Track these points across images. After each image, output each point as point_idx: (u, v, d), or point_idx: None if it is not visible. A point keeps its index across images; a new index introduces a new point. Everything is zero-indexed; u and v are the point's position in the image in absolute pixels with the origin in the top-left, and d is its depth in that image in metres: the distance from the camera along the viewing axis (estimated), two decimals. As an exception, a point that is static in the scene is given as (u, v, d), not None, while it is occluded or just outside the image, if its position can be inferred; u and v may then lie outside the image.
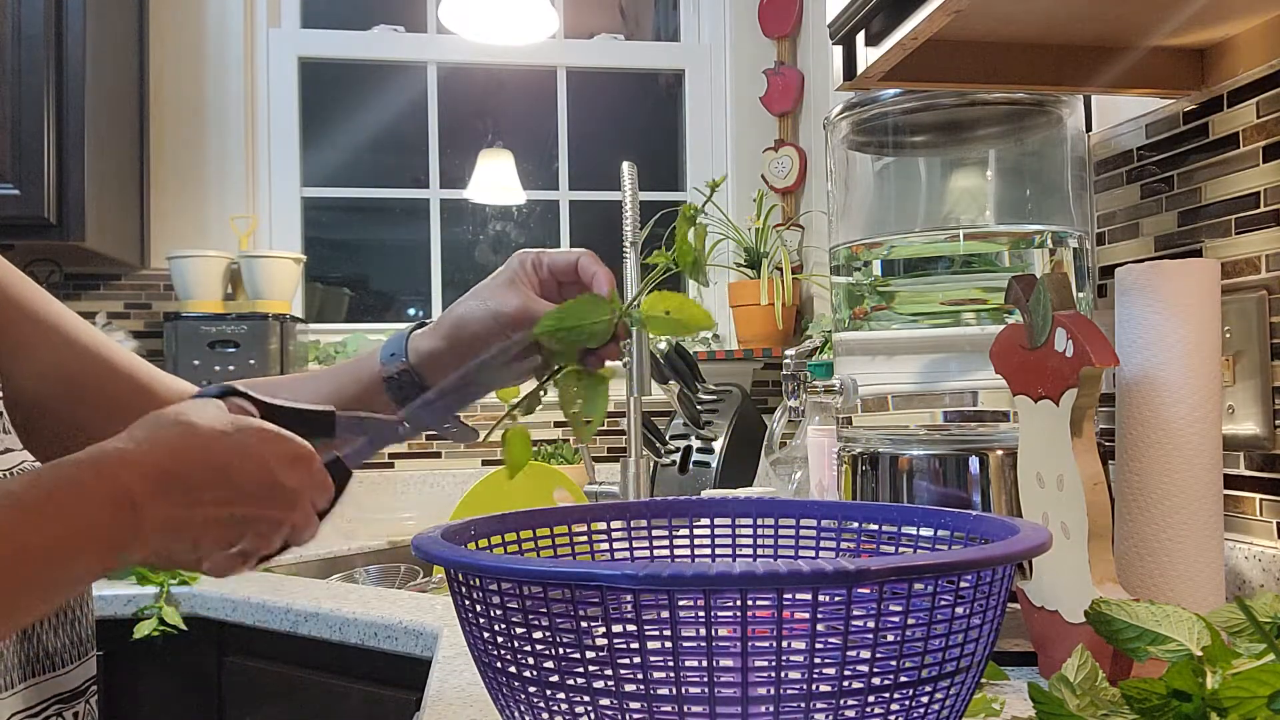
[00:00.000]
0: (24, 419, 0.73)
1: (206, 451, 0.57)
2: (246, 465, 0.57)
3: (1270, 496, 0.97)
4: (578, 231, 2.60)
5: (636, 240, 1.65)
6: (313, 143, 2.50)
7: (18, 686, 0.63)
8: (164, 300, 2.28)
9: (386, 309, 2.65)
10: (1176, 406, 0.85)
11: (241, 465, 0.57)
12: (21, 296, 0.74)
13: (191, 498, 0.56)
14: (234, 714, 1.53)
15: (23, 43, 1.91)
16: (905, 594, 0.49)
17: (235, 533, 0.58)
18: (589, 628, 0.50)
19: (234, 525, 0.58)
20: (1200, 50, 1.04)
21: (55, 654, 0.67)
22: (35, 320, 0.74)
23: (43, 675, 0.66)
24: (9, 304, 0.73)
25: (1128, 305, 0.88)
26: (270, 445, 0.59)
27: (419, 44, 2.50)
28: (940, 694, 0.51)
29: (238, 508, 0.58)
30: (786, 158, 2.45)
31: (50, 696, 0.66)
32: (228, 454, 0.57)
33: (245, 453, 0.58)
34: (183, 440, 0.56)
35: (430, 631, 1.26)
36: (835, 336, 1.10)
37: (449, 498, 2.24)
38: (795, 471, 1.54)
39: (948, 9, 0.84)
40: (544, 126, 2.59)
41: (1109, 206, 1.18)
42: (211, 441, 0.57)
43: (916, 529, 0.68)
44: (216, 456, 0.57)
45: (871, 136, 1.11)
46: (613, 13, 2.74)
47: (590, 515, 0.74)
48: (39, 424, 0.74)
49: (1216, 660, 0.55)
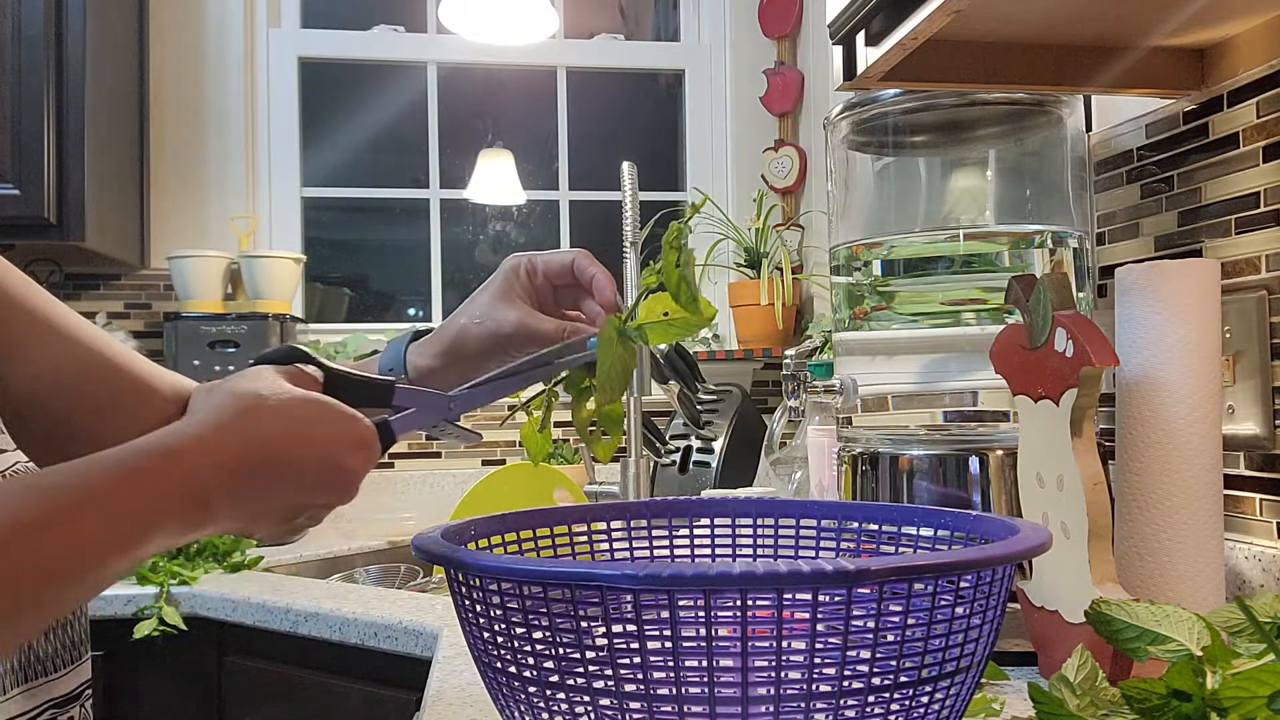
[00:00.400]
0: (15, 417, 0.72)
1: (278, 446, 0.58)
2: (313, 455, 0.59)
3: (1270, 496, 0.97)
4: (578, 231, 2.60)
5: (637, 240, 1.65)
6: (313, 143, 2.50)
7: (11, 693, 0.62)
8: (164, 300, 2.28)
9: (386, 309, 2.65)
10: (1176, 406, 0.85)
11: (309, 456, 0.59)
12: (17, 293, 0.73)
13: (260, 493, 0.57)
14: (234, 714, 1.53)
15: (23, 43, 1.91)
16: (905, 594, 0.49)
17: (294, 515, 0.61)
18: (589, 628, 0.50)
19: (294, 510, 0.60)
20: (1200, 50, 1.04)
21: (48, 659, 0.67)
22: (31, 317, 0.74)
23: (36, 680, 0.65)
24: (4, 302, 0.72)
25: (1128, 305, 0.88)
26: (337, 429, 0.60)
27: (419, 44, 2.50)
28: (940, 694, 0.51)
29: (301, 497, 0.60)
30: (786, 158, 2.45)
31: (44, 702, 0.65)
32: (297, 445, 0.58)
33: (314, 442, 0.59)
34: (256, 431, 0.57)
35: (430, 631, 1.26)
36: (835, 336, 1.10)
37: (449, 498, 2.24)
38: (795, 471, 1.54)
39: (948, 9, 0.84)
40: (544, 126, 2.59)
41: (1109, 206, 1.18)
42: (283, 432, 0.58)
43: (916, 529, 0.68)
44: (287, 450, 0.58)
45: (871, 136, 1.11)
46: (613, 13, 2.74)
47: (590, 515, 0.74)
48: (31, 422, 0.73)
49: (1216, 660, 0.55)
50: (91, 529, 0.51)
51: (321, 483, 0.60)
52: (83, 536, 0.50)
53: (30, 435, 0.73)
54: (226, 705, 1.54)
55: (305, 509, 0.61)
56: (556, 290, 0.77)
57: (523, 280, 0.75)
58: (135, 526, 0.52)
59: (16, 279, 0.74)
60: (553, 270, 0.75)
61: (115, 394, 0.78)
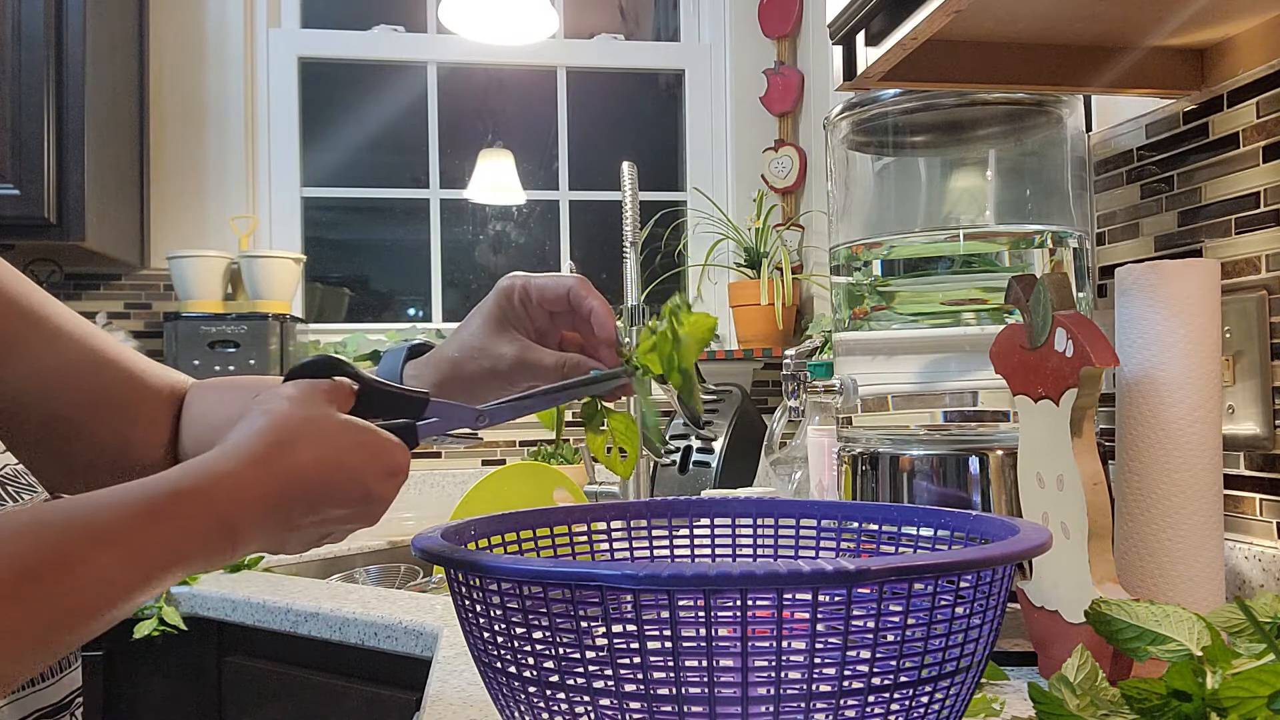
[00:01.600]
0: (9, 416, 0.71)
1: (313, 478, 0.57)
2: (347, 483, 0.58)
3: (1270, 496, 0.97)
4: (578, 231, 2.60)
5: (636, 240, 1.65)
6: (313, 143, 2.50)
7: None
8: (164, 300, 2.28)
9: (386, 309, 2.65)
10: (1176, 406, 0.85)
11: (342, 484, 0.58)
12: (12, 291, 0.73)
13: (290, 523, 0.56)
14: (233, 714, 1.53)
15: (23, 43, 1.91)
16: (905, 594, 0.49)
17: (318, 538, 0.61)
18: (589, 628, 0.50)
19: (320, 534, 0.60)
20: (1200, 50, 1.04)
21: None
22: (26, 315, 0.73)
23: (23, 691, 0.63)
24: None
25: (1128, 305, 0.88)
26: (374, 461, 0.59)
27: (419, 44, 2.50)
28: (940, 694, 0.51)
29: (330, 525, 0.59)
30: (786, 158, 2.45)
31: (32, 712, 0.64)
32: (333, 473, 0.57)
33: (349, 470, 0.58)
34: (292, 463, 0.56)
35: (430, 631, 1.26)
36: (835, 336, 1.10)
37: (449, 498, 2.24)
38: (795, 471, 1.54)
39: (948, 9, 0.83)
40: (544, 126, 2.59)
41: (1109, 206, 1.18)
42: (320, 463, 0.57)
43: (916, 529, 0.68)
44: (321, 482, 0.57)
45: (871, 136, 1.11)
46: (613, 13, 2.74)
47: (590, 515, 0.74)
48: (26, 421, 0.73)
49: (1216, 660, 0.55)
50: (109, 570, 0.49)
51: (351, 509, 0.59)
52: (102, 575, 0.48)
53: (25, 434, 0.73)
54: (226, 705, 1.54)
55: (331, 533, 0.61)
56: (553, 316, 0.74)
57: (516, 308, 0.73)
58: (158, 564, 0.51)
59: (10, 276, 0.73)
60: (548, 298, 0.73)
61: (109, 390, 0.77)
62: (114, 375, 0.78)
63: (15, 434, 0.72)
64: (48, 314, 0.75)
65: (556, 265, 2.58)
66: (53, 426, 0.74)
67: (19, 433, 0.72)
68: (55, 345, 0.75)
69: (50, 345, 0.74)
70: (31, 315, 0.74)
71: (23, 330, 0.73)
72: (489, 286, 0.76)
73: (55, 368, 0.74)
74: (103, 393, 0.77)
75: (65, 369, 0.75)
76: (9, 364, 0.72)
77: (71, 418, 0.75)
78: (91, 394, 0.76)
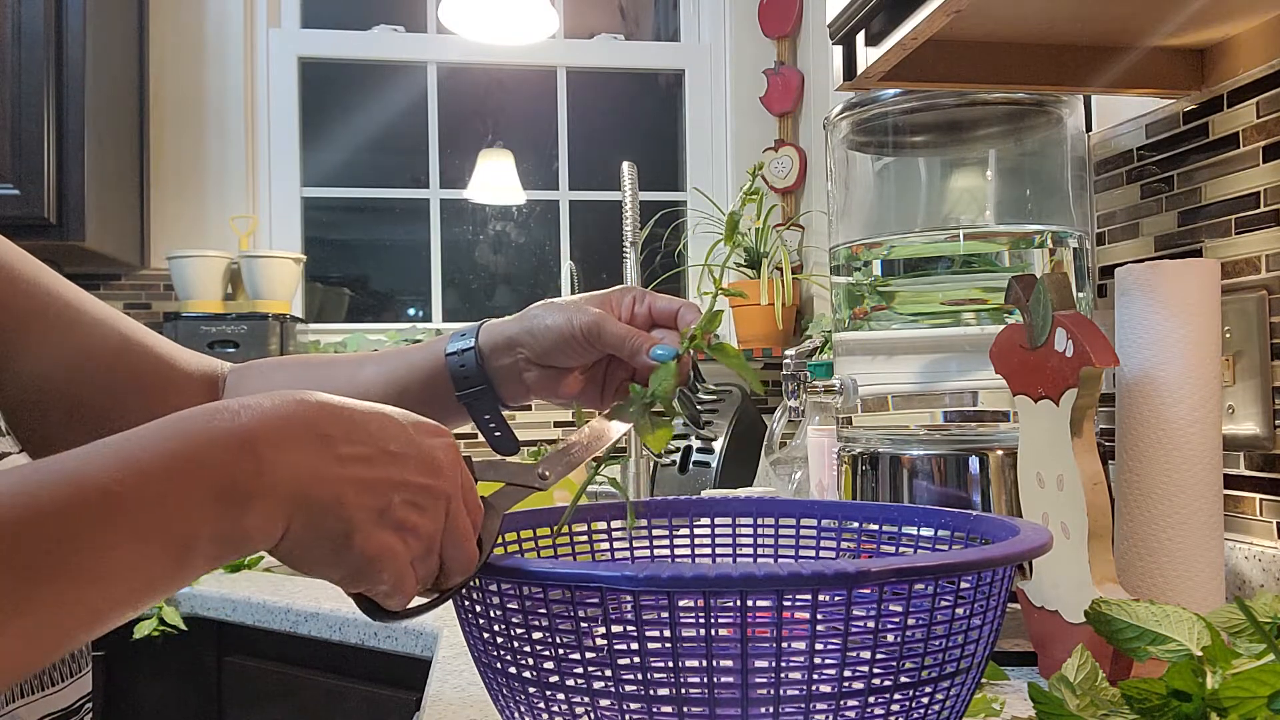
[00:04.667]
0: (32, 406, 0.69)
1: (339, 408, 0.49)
2: (387, 425, 0.50)
3: (1270, 496, 0.97)
4: (578, 231, 2.60)
5: (637, 240, 1.65)
6: (313, 143, 2.50)
7: (8, 708, 0.59)
8: (164, 300, 2.28)
9: (386, 309, 2.65)
10: (1176, 406, 0.85)
11: (381, 424, 0.50)
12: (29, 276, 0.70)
13: (324, 444, 0.47)
14: (233, 714, 1.53)
15: (23, 43, 1.91)
16: (905, 595, 0.49)
17: (382, 496, 0.48)
18: (588, 628, 0.50)
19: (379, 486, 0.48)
20: (1200, 50, 1.04)
21: (46, 671, 0.63)
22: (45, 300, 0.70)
23: (33, 695, 0.62)
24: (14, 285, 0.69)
25: (1128, 305, 0.88)
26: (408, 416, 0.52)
27: (419, 44, 2.50)
28: (941, 694, 0.51)
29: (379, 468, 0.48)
30: (786, 158, 2.45)
31: (42, 716, 0.62)
32: (363, 413, 0.50)
33: (383, 415, 0.51)
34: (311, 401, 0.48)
35: (430, 631, 1.26)
36: (835, 336, 1.10)
37: (449, 498, 2.23)
38: (795, 471, 1.54)
39: (948, 9, 0.84)
40: (544, 126, 2.59)
41: (1109, 206, 1.18)
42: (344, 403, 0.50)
43: (916, 529, 0.68)
44: (350, 413, 0.49)
45: (871, 136, 1.11)
46: (613, 13, 2.74)
47: (590, 515, 0.74)
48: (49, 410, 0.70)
49: (1216, 660, 0.55)
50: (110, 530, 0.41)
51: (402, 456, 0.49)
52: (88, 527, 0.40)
53: (50, 425, 0.70)
54: (226, 705, 1.54)
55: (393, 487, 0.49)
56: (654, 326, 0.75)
57: (626, 301, 0.74)
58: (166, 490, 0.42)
59: (28, 263, 0.71)
60: (659, 309, 0.74)
61: (136, 374, 0.74)
62: (140, 358, 0.75)
63: (40, 426, 0.69)
64: (67, 299, 0.72)
65: (556, 265, 2.58)
66: (78, 415, 0.71)
67: (44, 424, 0.69)
68: (75, 330, 0.72)
69: (70, 331, 0.71)
70: (49, 299, 0.71)
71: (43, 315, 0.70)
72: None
73: (76, 352, 0.71)
74: (130, 377, 0.73)
75: (87, 353, 0.72)
76: (27, 350, 0.69)
77: (97, 404, 0.72)
78: (117, 378, 0.73)
